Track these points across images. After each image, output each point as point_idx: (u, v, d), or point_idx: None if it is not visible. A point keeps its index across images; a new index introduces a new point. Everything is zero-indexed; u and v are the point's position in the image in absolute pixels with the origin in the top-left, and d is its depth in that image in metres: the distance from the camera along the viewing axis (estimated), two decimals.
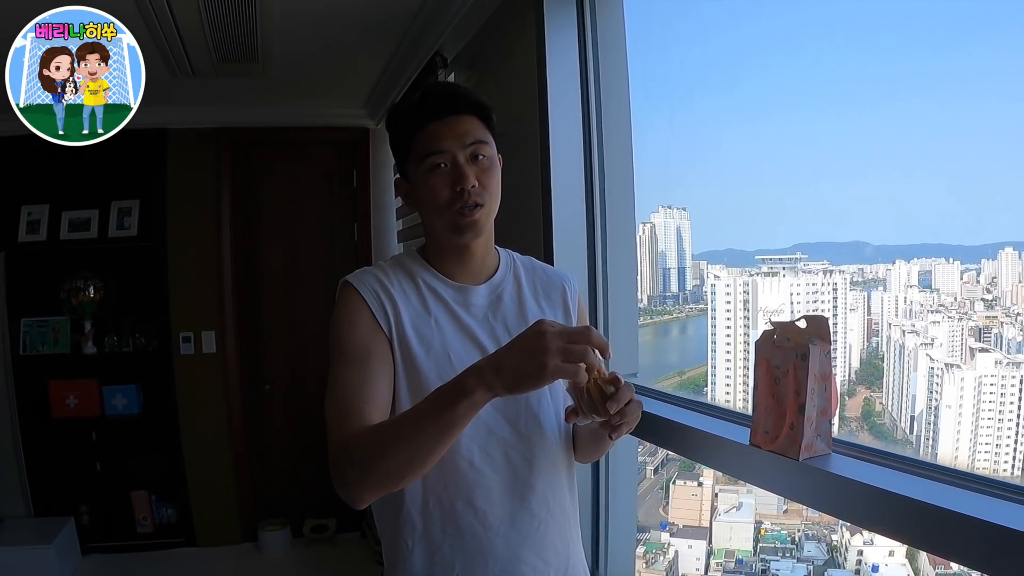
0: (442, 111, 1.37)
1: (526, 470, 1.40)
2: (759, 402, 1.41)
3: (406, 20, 3.14)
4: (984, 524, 1.00)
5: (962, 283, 2.04)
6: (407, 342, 1.35)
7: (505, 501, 1.38)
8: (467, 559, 1.37)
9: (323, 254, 4.96)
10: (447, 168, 1.35)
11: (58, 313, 4.42)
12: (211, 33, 3.10)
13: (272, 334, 4.90)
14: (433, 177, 1.36)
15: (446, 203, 1.35)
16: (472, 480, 1.36)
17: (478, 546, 1.37)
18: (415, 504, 1.38)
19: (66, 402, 4.40)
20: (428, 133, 1.36)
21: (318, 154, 4.95)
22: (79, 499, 4.54)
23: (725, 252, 2.72)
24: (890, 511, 1.15)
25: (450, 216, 1.36)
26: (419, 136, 1.37)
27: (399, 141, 1.42)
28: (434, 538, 1.38)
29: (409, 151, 1.39)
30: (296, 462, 4.87)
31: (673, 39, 2.53)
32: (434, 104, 1.38)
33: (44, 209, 4.43)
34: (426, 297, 1.41)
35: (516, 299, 1.48)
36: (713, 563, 3.01)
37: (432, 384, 1.27)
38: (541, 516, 1.41)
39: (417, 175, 1.38)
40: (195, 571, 4.43)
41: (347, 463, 1.19)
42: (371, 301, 1.35)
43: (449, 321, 1.40)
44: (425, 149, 1.36)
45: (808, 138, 2.27)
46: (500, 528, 1.38)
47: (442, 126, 1.35)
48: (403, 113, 1.41)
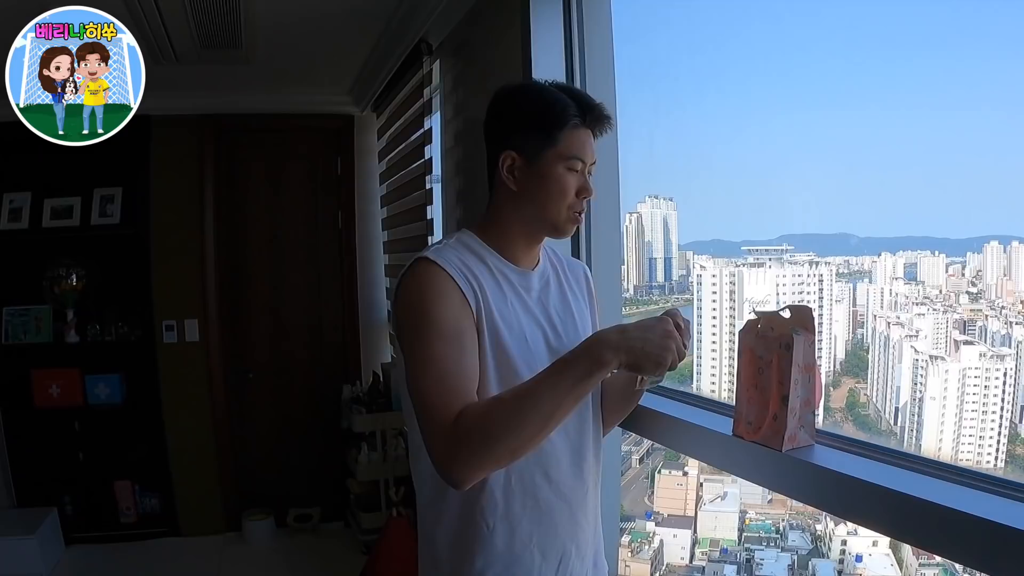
0: (597, 128, 1.46)
1: (581, 438, 1.50)
2: (742, 392, 1.41)
3: (391, 6, 3.12)
4: (966, 517, 1.00)
5: (947, 276, 2.05)
6: (495, 322, 1.39)
7: (569, 469, 1.47)
8: (542, 531, 1.44)
9: (307, 242, 4.93)
10: (578, 174, 1.44)
11: (40, 302, 4.37)
12: (194, 18, 3.07)
13: (255, 322, 4.87)
14: (568, 176, 1.42)
15: (570, 202, 1.44)
16: (547, 451, 1.42)
17: (550, 516, 1.45)
18: (498, 483, 1.40)
19: (48, 391, 4.36)
20: (580, 137, 1.43)
21: (302, 141, 4.91)
22: (62, 489, 4.50)
23: (712, 243, 2.72)
24: (872, 503, 1.14)
25: (567, 213, 1.44)
26: (572, 134, 1.42)
27: (545, 122, 1.42)
28: (515, 514, 1.42)
29: (554, 140, 1.41)
30: (280, 451, 4.86)
31: (660, 28, 2.53)
32: (595, 118, 1.44)
33: (26, 197, 4.38)
34: (499, 279, 1.45)
35: (558, 285, 1.57)
36: (698, 552, 3.03)
37: (517, 364, 1.38)
38: (589, 482, 1.52)
39: (552, 166, 1.42)
40: (179, 561, 4.40)
41: (463, 441, 1.19)
42: (459, 280, 1.36)
43: (519, 303, 1.46)
44: (572, 150, 1.42)
45: (795, 130, 2.27)
46: (567, 495, 1.47)
47: (590, 139, 1.45)
48: (563, 104, 1.43)
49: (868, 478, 1.16)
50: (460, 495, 1.39)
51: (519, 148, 1.43)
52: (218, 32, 3.26)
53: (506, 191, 1.46)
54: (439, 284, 1.34)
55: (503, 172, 1.44)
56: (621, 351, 1.21)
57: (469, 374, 1.31)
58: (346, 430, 4.44)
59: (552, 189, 1.42)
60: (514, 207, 1.46)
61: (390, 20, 3.28)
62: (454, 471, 1.20)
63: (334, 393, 4.70)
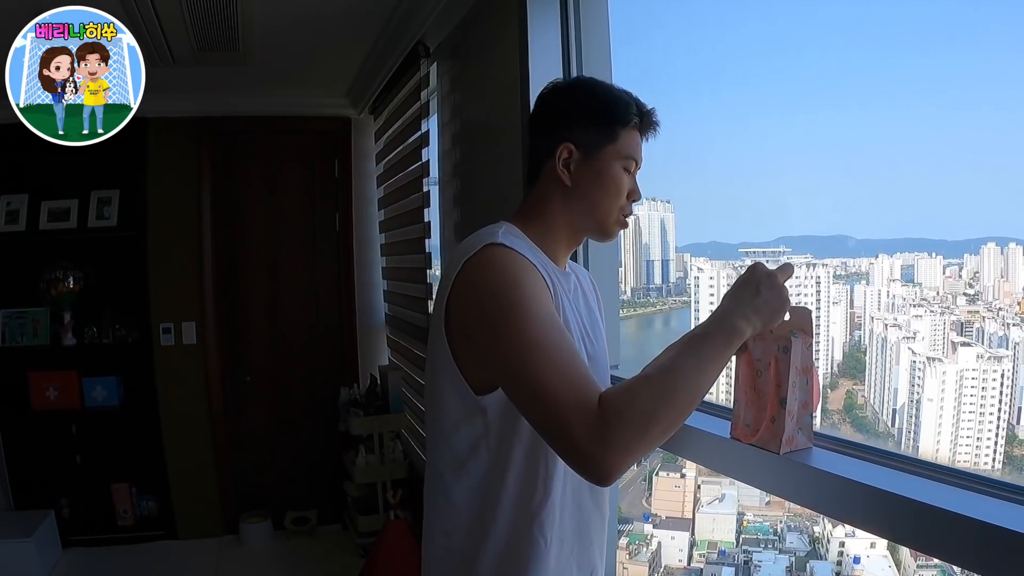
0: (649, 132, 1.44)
1: None
2: (739, 395, 1.41)
3: (388, 8, 3.12)
4: (964, 519, 1.00)
5: (944, 277, 2.05)
6: (565, 318, 1.34)
7: None
8: (581, 544, 1.40)
9: (304, 244, 4.92)
10: (630, 175, 1.42)
11: (37, 304, 4.36)
12: (191, 21, 3.06)
13: (253, 325, 4.86)
14: (623, 176, 1.40)
15: (621, 203, 1.42)
16: None
17: (587, 527, 1.41)
18: (558, 494, 1.33)
19: (46, 394, 4.35)
20: (635, 138, 1.41)
21: (300, 143, 4.91)
22: (59, 492, 4.49)
23: (709, 245, 2.72)
24: (870, 506, 1.14)
25: (617, 213, 1.42)
26: (630, 134, 1.40)
27: (608, 117, 1.39)
28: (566, 528, 1.36)
29: (614, 137, 1.39)
30: (277, 454, 4.86)
31: (657, 30, 2.53)
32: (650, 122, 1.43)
33: (23, 199, 4.37)
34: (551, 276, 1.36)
35: (581, 291, 1.53)
36: (696, 554, 3.03)
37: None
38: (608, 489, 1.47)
39: (610, 162, 1.39)
40: (176, 564, 4.40)
41: (614, 425, 1.06)
42: (540, 268, 1.28)
43: (566, 301, 1.40)
44: (629, 149, 1.40)
45: (793, 132, 2.27)
46: (600, 504, 1.44)
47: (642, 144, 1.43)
48: (626, 102, 1.41)
49: (866, 481, 1.16)
50: (516, 510, 1.30)
51: (577, 141, 1.38)
52: (215, 34, 3.26)
53: (558, 186, 1.40)
54: (526, 269, 1.24)
55: (559, 165, 1.39)
56: (751, 316, 1.20)
57: (583, 359, 1.19)
58: (343, 433, 4.43)
59: (609, 186, 1.39)
60: (563, 202, 1.41)
61: (387, 22, 3.28)
62: (607, 460, 1.06)
63: (331, 395, 4.68)
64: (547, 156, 1.40)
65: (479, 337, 1.22)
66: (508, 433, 1.28)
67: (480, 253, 1.25)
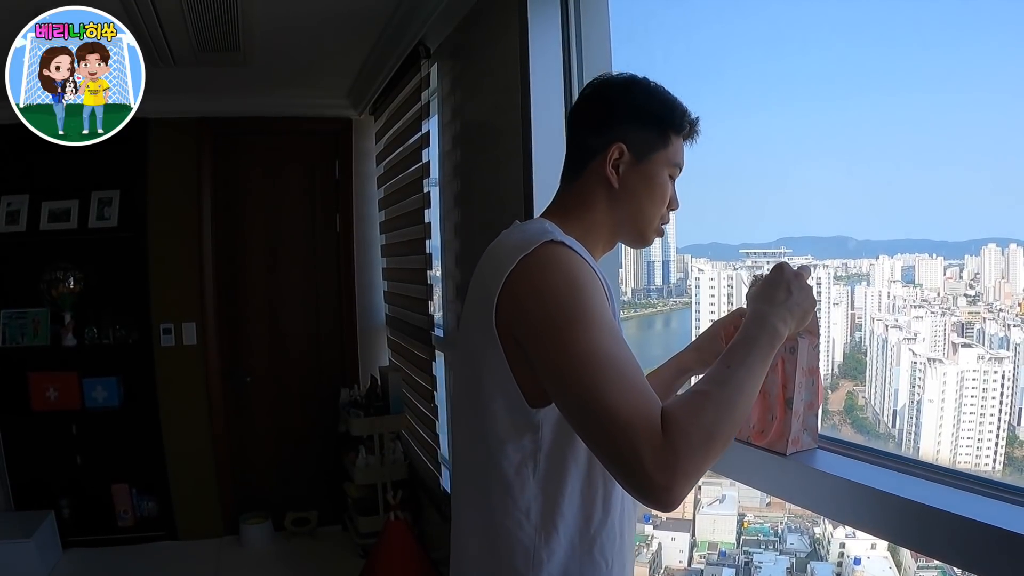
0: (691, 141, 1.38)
1: None
2: None
3: (389, 9, 3.12)
4: (967, 521, 1.00)
5: (945, 278, 2.04)
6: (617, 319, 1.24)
7: None
8: (629, 560, 1.33)
9: (305, 245, 4.93)
10: (671, 184, 1.36)
11: (38, 305, 4.36)
12: (192, 21, 3.06)
13: (253, 326, 4.86)
14: (668, 183, 1.34)
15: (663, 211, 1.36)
16: None
17: (631, 543, 1.35)
18: (616, 514, 1.24)
19: (46, 395, 4.35)
20: (681, 146, 1.35)
21: (300, 144, 4.91)
22: (59, 492, 4.49)
23: (709, 246, 2.71)
24: (874, 509, 1.14)
25: (657, 221, 1.36)
26: (679, 141, 1.35)
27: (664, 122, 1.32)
28: (622, 547, 1.28)
29: (666, 142, 1.32)
30: (277, 455, 4.86)
31: (657, 30, 2.52)
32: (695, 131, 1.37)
33: (24, 199, 4.38)
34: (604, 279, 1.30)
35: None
36: (696, 555, 3.02)
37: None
38: None
39: (660, 168, 1.33)
40: (176, 564, 4.40)
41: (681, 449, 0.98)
42: (597, 271, 1.19)
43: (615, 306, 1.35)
44: (678, 158, 1.35)
45: (792, 132, 2.26)
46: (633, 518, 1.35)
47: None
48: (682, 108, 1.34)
49: (868, 483, 1.16)
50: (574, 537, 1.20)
51: (629, 143, 1.30)
52: (216, 35, 3.26)
53: (603, 187, 1.31)
54: (588, 272, 1.15)
55: (608, 165, 1.29)
56: (787, 318, 1.17)
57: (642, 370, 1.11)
58: (344, 434, 4.43)
59: (655, 193, 1.32)
60: (608, 204, 1.32)
61: (388, 23, 3.28)
62: (674, 486, 0.98)
63: (332, 396, 4.68)
64: (595, 153, 1.31)
65: (537, 344, 1.12)
66: (563, 454, 1.18)
67: (540, 251, 1.15)
